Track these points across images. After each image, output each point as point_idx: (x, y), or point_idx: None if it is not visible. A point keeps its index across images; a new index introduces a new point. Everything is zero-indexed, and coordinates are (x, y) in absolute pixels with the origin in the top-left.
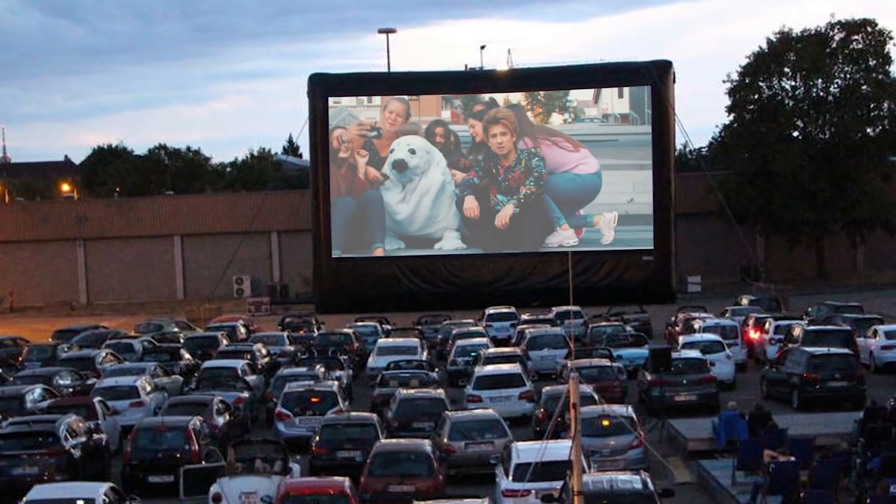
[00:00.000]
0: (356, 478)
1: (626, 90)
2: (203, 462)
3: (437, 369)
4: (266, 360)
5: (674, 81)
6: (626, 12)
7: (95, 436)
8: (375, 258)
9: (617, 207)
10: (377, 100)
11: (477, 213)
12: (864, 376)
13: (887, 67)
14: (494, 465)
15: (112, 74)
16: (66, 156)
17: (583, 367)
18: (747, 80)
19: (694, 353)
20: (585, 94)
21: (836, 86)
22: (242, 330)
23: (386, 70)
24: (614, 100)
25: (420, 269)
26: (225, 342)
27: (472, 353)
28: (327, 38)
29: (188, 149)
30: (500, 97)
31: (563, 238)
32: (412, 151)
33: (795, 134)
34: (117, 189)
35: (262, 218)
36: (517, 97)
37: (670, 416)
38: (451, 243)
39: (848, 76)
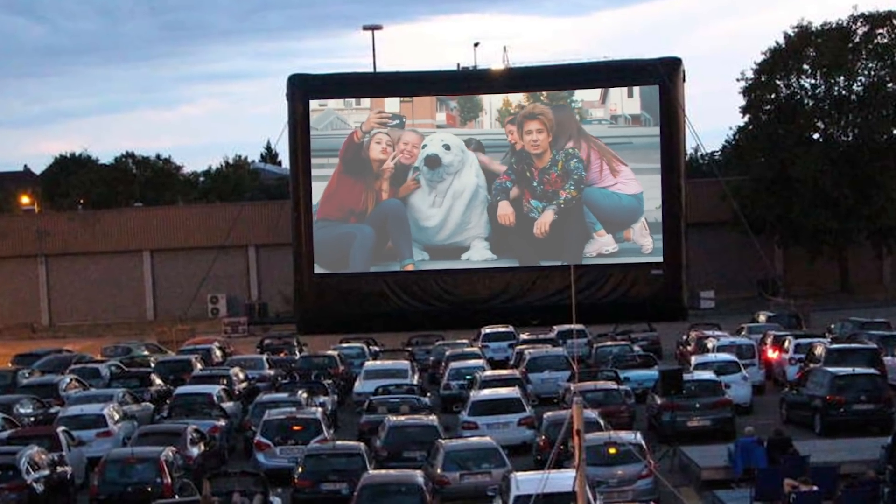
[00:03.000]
0: None
1: (636, 89)
2: (176, 496)
3: (429, 394)
4: (244, 385)
5: (683, 80)
6: (631, 6)
7: (59, 468)
8: (361, 274)
9: (646, 215)
10: (365, 102)
11: (512, 221)
12: (892, 398)
13: None
14: (492, 498)
15: (75, 77)
16: (25, 165)
17: (587, 391)
18: (763, 79)
19: (707, 375)
20: (592, 94)
21: (859, 84)
22: (218, 353)
23: (372, 70)
24: (624, 100)
25: (410, 285)
26: (199, 366)
27: (468, 376)
28: (308, 35)
29: (158, 157)
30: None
31: (602, 245)
32: (447, 147)
33: (816, 136)
34: (81, 201)
35: (238, 231)
36: (518, 98)
37: (682, 443)
38: (480, 254)
39: (872, 73)
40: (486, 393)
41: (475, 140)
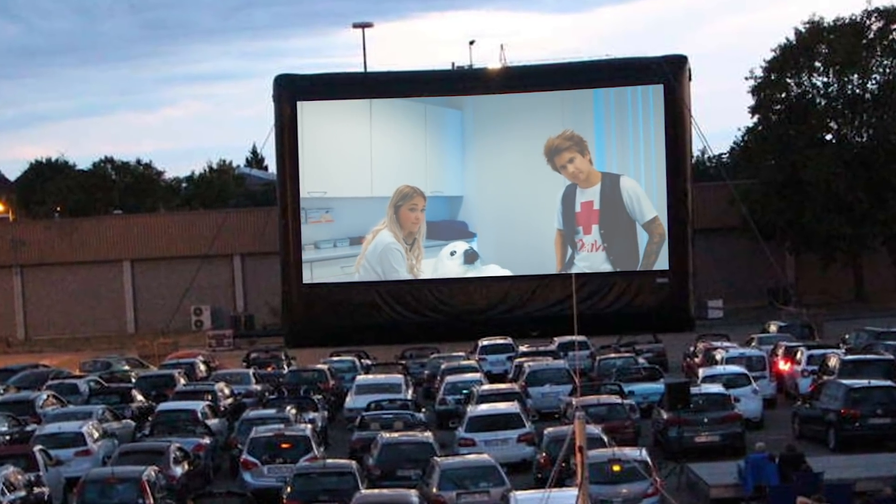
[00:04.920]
0: None
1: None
2: None
3: (423, 409)
4: (229, 401)
5: (689, 79)
6: (634, 2)
7: (36, 489)
8: (352, 283)
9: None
10: (355, 104)
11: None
12: None
13: None
14: None
15: (51, 78)
16: None
17: (590, 405)
18: (773, 77)
19: (716, 388)
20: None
21: (873, 82)
22: (202, 367)
23: (362, 70)
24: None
25: (403, 295)
26: (182, 381)
27: (464, 391)
28: (295, 34)
29: (138, 162)
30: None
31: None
32: None
33: (828, 137)
34: (58, 209)
35: (223, 239)
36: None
37: (690, 460)
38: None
39: (887, 71)
40: (484, 408)
41: None
